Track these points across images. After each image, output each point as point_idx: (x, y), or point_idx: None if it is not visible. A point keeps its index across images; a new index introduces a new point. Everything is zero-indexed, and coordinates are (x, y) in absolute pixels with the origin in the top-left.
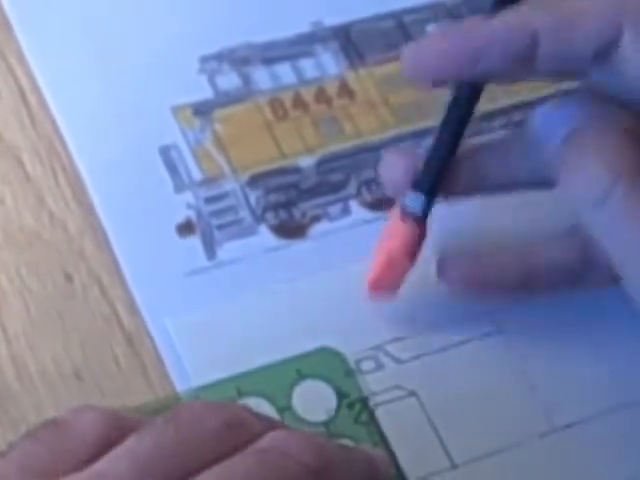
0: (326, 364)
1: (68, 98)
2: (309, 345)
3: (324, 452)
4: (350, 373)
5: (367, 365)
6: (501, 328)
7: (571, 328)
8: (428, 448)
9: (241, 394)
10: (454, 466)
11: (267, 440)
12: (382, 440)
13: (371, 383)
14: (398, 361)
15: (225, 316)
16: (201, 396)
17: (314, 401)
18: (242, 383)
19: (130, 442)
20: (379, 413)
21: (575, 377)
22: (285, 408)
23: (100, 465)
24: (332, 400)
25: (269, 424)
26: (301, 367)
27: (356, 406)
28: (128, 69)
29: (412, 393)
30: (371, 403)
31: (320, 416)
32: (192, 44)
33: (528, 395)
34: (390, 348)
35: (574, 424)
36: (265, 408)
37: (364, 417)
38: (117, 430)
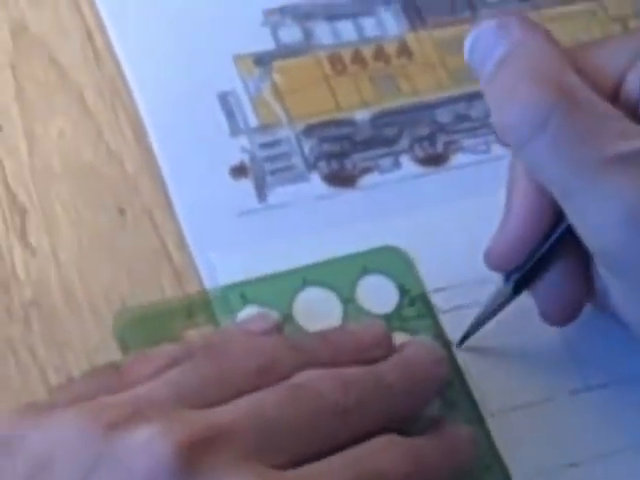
0: (390, 261)
1: (133, 40)
2: None
3: (355, 389)
4: (413, 272)
5: (410, 312)
6: None
7: None
8: (458, 397)
9: (306, 283)
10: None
11: (299, 377)
12: (441, 334)
13: None
14: (440, 310)
15: (270, 256)
16: (268, 284)
17: (377, 295)
18: (308, 273)
19: (170, 373)
20: None
21: (612, 338)
22: (349, 300)
23: (140, 389)
24: (394, 295)
25: (306, 360)
26: (366, 263)
27: (417, 302)
28: (194, 18)
29: (449, 342)
30: None
31: (382, 309)
32: None
33: (564, 352)
34: (433, 297)
35: (609, 384)
36: (329, 298)
37: (424, 312)
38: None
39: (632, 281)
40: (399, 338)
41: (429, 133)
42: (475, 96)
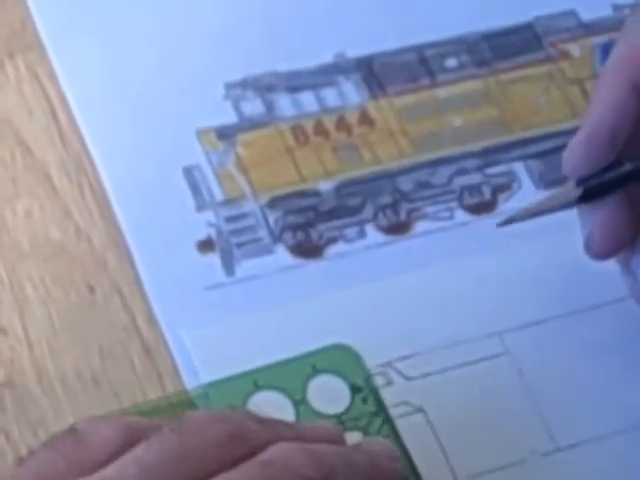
0: (340, 360)
1: (97, 117)
2: None
3: (325, 463)
4: (363, 369)
5: (377, 381)
6: (509, 349)
7: (579, 350)
8: (433, 463)
9: (258, 387)
10: None
11: (270, 452)
12: (394, 432)
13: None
14: (407, 378)
15: (240, 329)
16: (218, 389)
17: (328, 395)
18: (259, 376)
19: (138, 450)
20: None
21: (582, 398)
22: (300, 401)
23: (108, 470)
24: (346, 394)
25: (273, 433)
26: (316, 362)
27: (369, 400)
28: (156, 93)
29: (419, 409)
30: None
31: (334, 409)
32: (218, 71)
33: (533, 414)
34: (399, 365)
35: (579, 444)
36: (281, 401)
37: (376, 410)
38: (128, 440)
39: None
40: (352, 437)
41: (392, 201)
42: (436, 163)
